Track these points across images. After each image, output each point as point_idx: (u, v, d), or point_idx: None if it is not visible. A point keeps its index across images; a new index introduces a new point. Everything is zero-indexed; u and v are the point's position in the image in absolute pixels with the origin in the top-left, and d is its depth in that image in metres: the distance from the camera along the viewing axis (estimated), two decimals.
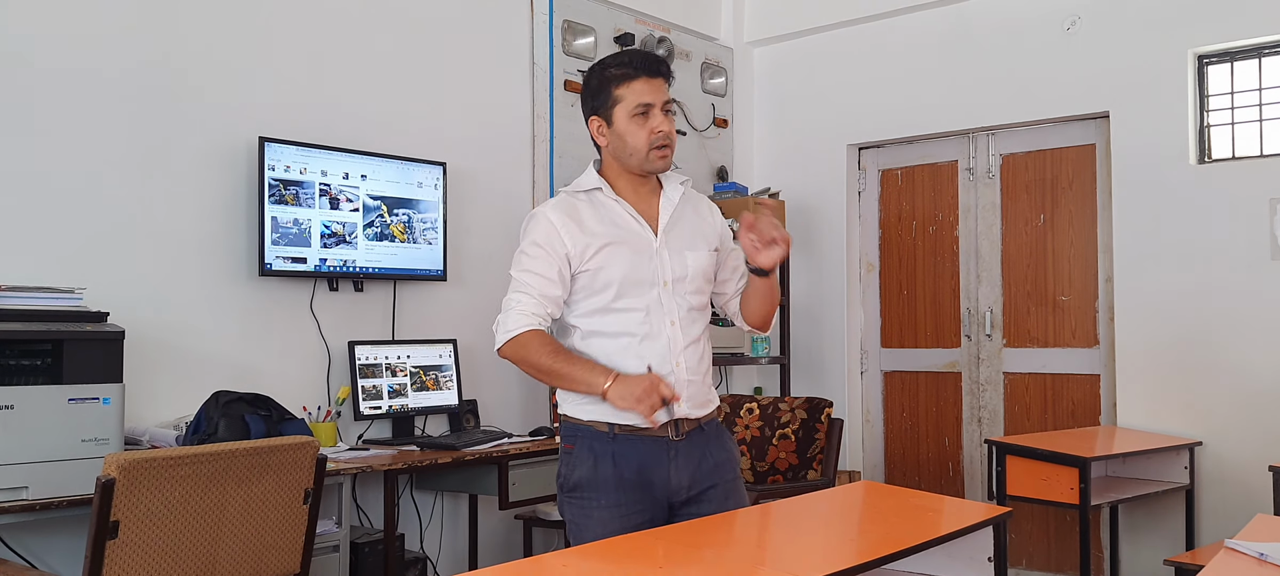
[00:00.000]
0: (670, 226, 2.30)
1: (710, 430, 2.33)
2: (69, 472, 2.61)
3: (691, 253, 2.30)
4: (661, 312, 2.25)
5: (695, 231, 2.34)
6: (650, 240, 2.27)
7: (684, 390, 2.23)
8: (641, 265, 2.25)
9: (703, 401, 2.30)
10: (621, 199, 2.28)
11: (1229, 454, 4.07)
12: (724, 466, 2.31)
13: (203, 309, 3.38)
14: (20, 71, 3.01)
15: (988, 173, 4.84)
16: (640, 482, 2.23)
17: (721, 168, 5.30)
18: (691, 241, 2.32)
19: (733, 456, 2.37)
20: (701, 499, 2.28)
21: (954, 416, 4.94)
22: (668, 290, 2.26)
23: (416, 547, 3.88)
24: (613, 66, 2.29)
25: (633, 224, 2.27)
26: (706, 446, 2.30)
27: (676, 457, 2.25)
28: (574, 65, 4.56)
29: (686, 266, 2.28)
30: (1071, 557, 4.51)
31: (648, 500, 2.24)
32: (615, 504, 2.22)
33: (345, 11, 3.80)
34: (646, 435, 2.22)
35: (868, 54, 5.10)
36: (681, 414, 2.24)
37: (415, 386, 3.79)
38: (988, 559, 2.20)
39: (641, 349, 2.23)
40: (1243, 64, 4.18)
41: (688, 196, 2.37)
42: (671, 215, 2.31)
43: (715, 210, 2.44)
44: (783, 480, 4.00)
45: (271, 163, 3.45)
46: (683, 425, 2.26)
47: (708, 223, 2.38)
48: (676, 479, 2.25)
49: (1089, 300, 4.55)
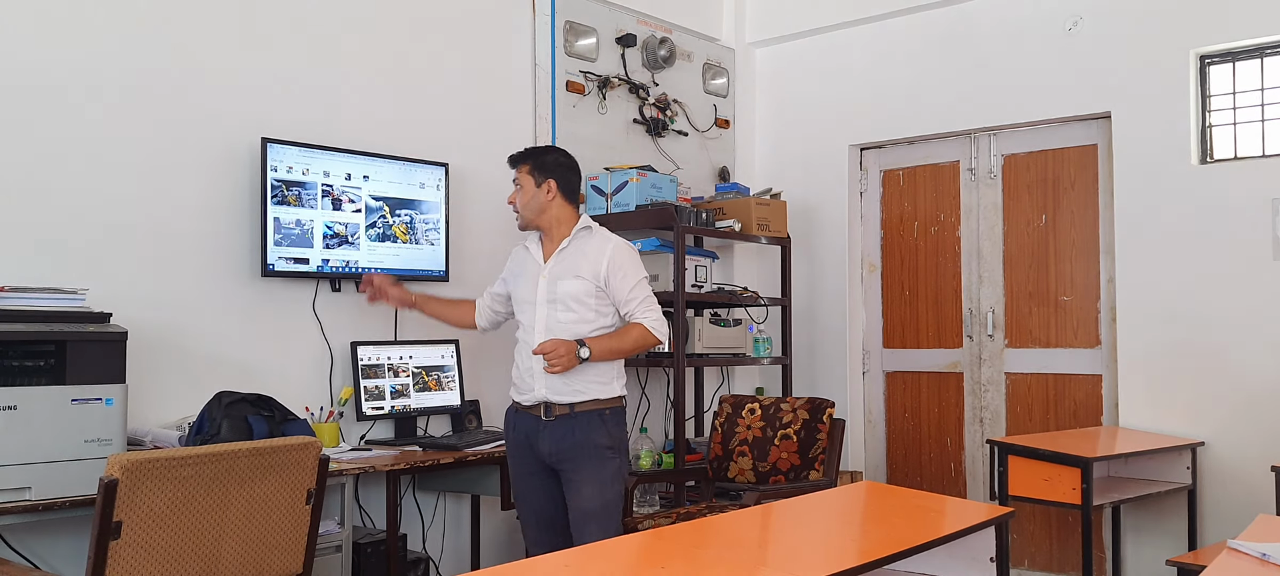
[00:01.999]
0: (555, 261, 3.17)
1: (580, 418, 3.08)
2: (72, 473, 2.61)
3: (563, 281, 3.12)
4: (534, 319, 3.15)
5: (573, 266, 3.14)
6: (537, 271, 3.20)
7: (541, 379, 3.08)
8: (526, 287, 3.21)
9: (565, 393, 3.07)
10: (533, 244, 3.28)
11: (1231, 454, 4.07)
12: (582, 446, 3.07)
13: (206, 310, 3.39)
14: (25, 73, 3.02)
15: (990, 173, 4.84)
16: (527, 443, 3.15)
17: (723, 168, 5.31)
18: (566, 272, 3.14)
19: (592, 442, 3.07)
20: (562, 467, 3.10)
21: (956, 417, 4.94)
22: (541, 307, 3.15)
23: (419, 548, 3.89)
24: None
25: (532, 262, 3.23)
26: (572, 428, 3.08)
27: (544, 431, 3.10)
28: (576, 66, 4.56)
29: (557, 291, 3.12)
30: (1073, 558, 4.51)
31: (531, 458, 3.15)
32: (514, 458, 3.22)
33: (347, 13, 3.81)
34: (528, 412, 3.14)
35: (869, 54, 5.10)
36: (544, 399, 3.09)
37: (417, 387, 3.79)
38: (990, 559, 2.20)
39: (523, 347, 3.17)
40: (1245, 64, 4.18)
41: (577, 242, 3.18)
42: (557, 255, 3.17)
43: (605, 253, 3.14)
44: (784, 480, 4.00)
45: (274, 163, 3.45)
46: (554, 409, 3.09)
47: (590, 261, 3.13)
48: (543, 447, 3.11)
49: (1091, 300, 4.55)
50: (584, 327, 3.11)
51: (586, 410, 3.10)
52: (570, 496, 3.10)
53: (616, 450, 3.14)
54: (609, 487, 3.09)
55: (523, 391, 3.16)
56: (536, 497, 3.18)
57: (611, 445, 3.12)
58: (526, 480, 3.19)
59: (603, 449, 3.10)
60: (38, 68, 3.05)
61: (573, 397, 3.09)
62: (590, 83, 4.62)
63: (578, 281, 3.12)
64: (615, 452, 3.13)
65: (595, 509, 3.06)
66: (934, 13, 4.88)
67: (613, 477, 3.11)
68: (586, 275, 3.12)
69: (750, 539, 2.10)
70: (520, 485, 3.22)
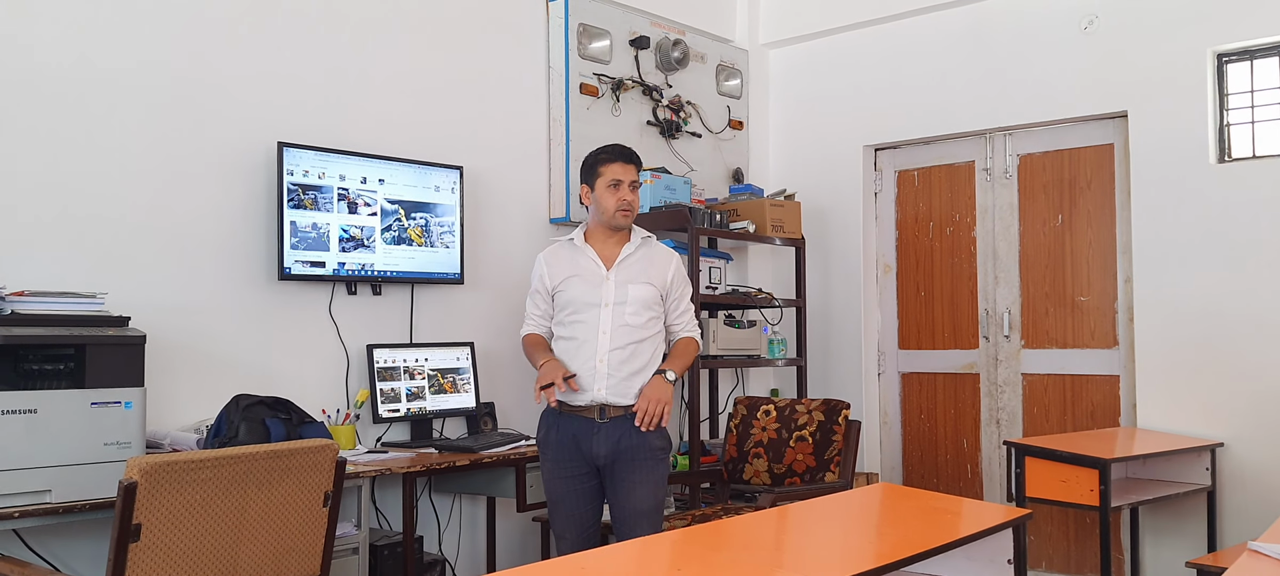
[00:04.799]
0: (621, 265, 3.19)
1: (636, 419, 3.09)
2: (91, 476, 2.63)
3: (633, 285, 3.16)
4: (599, 321, 3.14)
5: (643, 272, 3.19)
6: (601, 275, 3.18)
7: (604, 382, 3.09)
8: (585, 290, 3.17)
9: (624, 394, 3.10)
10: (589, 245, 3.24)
11: (1251, 455, 4.04)
12: (638, 448, 3.10)
13: (223, 313, 3.41)
14: (43, 79, 3.05)
15: (1005, 173, 4.82)
16: (574, 446, 3.12)
17: (737, 170, 5.30)
18: (635, 277, 3.18)
19: (649, 443, 3.11)
20: (614, 467, 3.10)
21: (972, 418, 4.92)
22: (608, 310, 3.14)
23: (435, 550, 3.90)
24: (601, 152, 3.24)
25: (590, 264, 3.20)
26: (629, 429, 3.09)
27: (598, 433, 3.10)
28: (590, 68, 4.57)
29: (627, 294, 3.15)
30: (1092, 560, 4.49)
31: (578, 460, 3.13)
32: (554, 461, 3.16)
33: (362, 17, 3.82)
34: (578, 413, 3.12)
35: (883, 55, 5.09)
36: (603, 401, 3.10)
37: (433, 389, 3.80)
38: (1008, 561, 2.19)
39: (581, 349, 3.14)
40: (1263, 62, 4.15)
41: (643, 249, 3.23)
42: (624, 260, 3.20)
43: (671, 265, 3.25)
44: (800, 482, 3.99)
45: (290, 167, 3.47)
46: (609, 410, 3.10)
47: (659, 269, 3.22)
48: (597, 449, 3.11)
49: (1108, 300, 4.53)
50: (647, 332, 3.19)
51: None
52: (621, 496, 3.12)
53: (667, 451, 3.21)
54: (661, 488, 3.17)
55: (575, 393, 3.13)
56: (577, 500, 3.17)
57: (665, 446, 3.19)
58: (567, 482, 3.16)
59: (658, 449, 3.16)
60: (55, 73, 3.07)
61: (629, 400, 3.13)
62: (604, 85, 4.63)
63: (648, 287, 3.19)
64: (667, 453, 3.21)
65: (649, 508, 3.12)
66: (948, 12, 4.86)
67: (664, 478, 3.20)
68: (655, 282, 3.21)
69: (766, 541, 2.09)
70: (560, 487, 3.17)
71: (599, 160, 3.23)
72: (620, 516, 3.13)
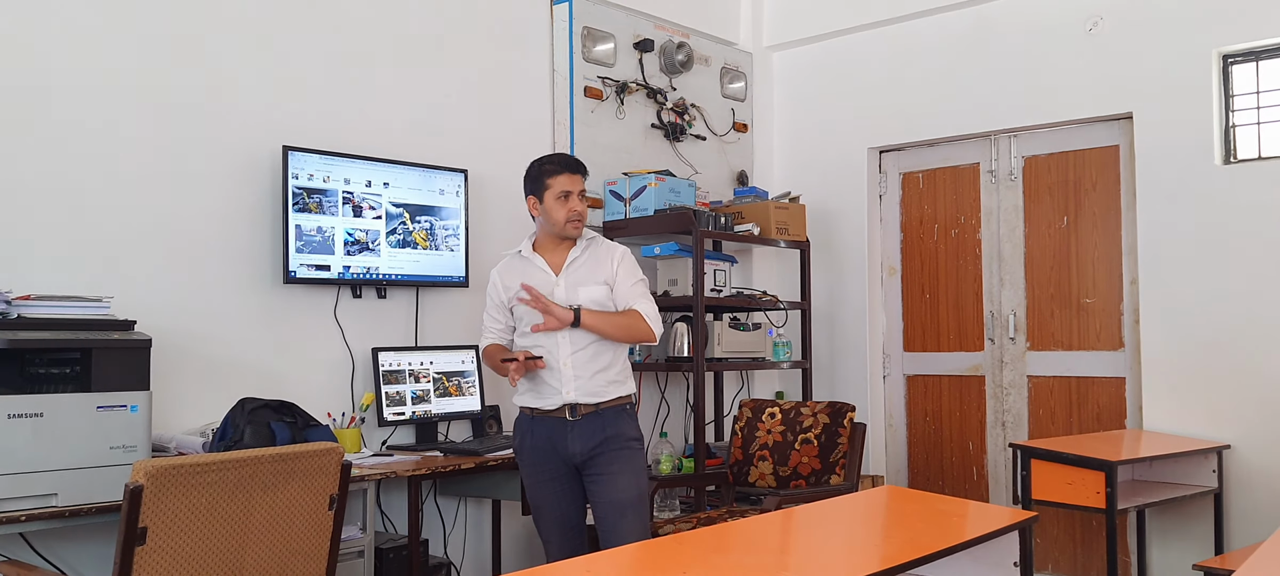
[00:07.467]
0: (569, 269, 3.21)
1: (607, 414, 3.14)
2: (97, 479, 2.64)
3: (583, 287, 3.18)
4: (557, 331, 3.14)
5: (591, 273, 3.22)
6: (552, 282, 3.21)
7: (572, 384, 3.12)
8: None
9: (592, 392, 3.13)
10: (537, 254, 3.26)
11: (1258, 457, 4.02)
12: (613, 438, 3.13)
13: (228, 316, 3.41)
14: (48, 83, 3.06)
15: (1010, 175, 4.82)
16: (549, 448, 3.15)
17: (742, 172, 5.30)
18: (585, 279, 3.21)
19: (624, 434, 3.15)
20: (592, 463, 3.12)
21: (978, 420, 4.91)
22: None
23: (440, 553, 3.90)
24: (546, 162, 3.25)
25: (540, 273, 3.22)
26: (601, 423, 3.12)
27: (572, 431, 3.12)
28: (594, 71, 4.57)
29: (578, 297, 3.17)
30: (1098, 562, 4.48)
31: (554, 461, 3.15)
32: (532, 465, 3.20)
33: (367, 21, 3.83)
34: (549, 416, 3.15)
35: (888, 57, 5.08)
36: (572, 401, 3.12)
37: (438, 392, 3.80)
38: (1014, 564, 2.19)
39: (546, 358, 3.15)
40: (1268, 63, 4.14)
41: (590, 251, 3.25)
42: (571, 264, 3.22)
43: (614, 256, 3.25)
44: (805, 485, 3.99)
45: (295, 171, 3.48)
46: (580, 409, 3.12)
47: (604, 266, 3.23)
48: (573, 447, 3.13)
49: (1114, 302, 4.52)
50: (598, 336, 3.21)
51: (611, 406, 3.17)
52: (602, 490, 3.12)
53: (641, 443, 3.24)
54: (642, 478, 3.19)
55: (544, 397, 3.17)
56: (558, 502, 3.19)
57: (638, 437, 3.23)
58: (546, 485, 3.19)
59: (632, 441, 3.19)
60: (62, 77, 3.08)
61: (597, 398, 3.15)
62: (608, 88, 4.63)
63: (599, 286, 3.21)
64: (641, 445, 3.23)
65: (631, 499, 3.12)
66: (952, 14, 4.86)
67: (643, 469, 3.21)
68: (605, 279, 3.23)
69: (771, 544, 2.09)
70: (539, 491, 3.22)
71: (545, 172, 3.21)
72: (603, 512, 3.12)
